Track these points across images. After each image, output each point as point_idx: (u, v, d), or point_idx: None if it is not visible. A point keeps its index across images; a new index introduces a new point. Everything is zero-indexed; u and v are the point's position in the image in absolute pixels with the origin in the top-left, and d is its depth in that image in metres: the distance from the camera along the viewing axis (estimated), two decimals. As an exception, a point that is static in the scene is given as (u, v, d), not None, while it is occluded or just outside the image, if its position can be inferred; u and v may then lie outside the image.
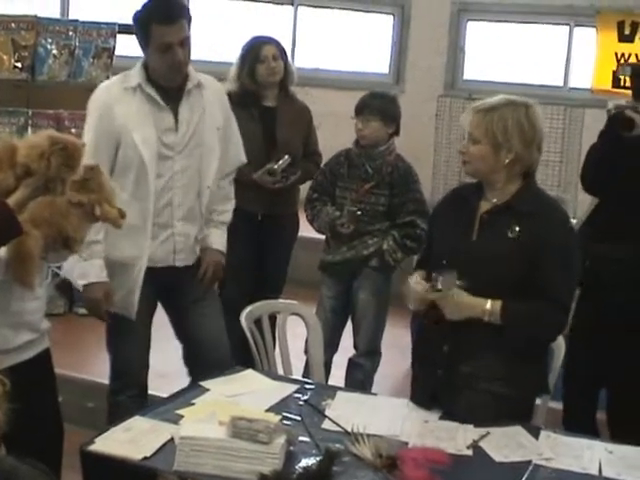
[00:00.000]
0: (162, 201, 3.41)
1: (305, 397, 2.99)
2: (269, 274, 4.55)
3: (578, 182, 4.21)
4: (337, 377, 4.19)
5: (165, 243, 3.46)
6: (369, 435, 2.59)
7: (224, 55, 6.49)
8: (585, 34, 8.00)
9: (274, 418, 2.54)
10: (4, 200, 2.40)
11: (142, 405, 3.30)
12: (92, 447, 2.54)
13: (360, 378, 4.22)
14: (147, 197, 3.36)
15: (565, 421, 3.83)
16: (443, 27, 8.32)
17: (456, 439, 2.69)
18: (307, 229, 4.46)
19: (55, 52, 5.45)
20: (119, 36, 5.64)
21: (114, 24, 5.66)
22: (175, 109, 3.40)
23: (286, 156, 4.35)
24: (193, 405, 2.85)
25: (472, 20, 8.39)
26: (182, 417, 2.72)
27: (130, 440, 2.57)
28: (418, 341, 3.12)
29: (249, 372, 3.22)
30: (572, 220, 4.48)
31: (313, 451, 2.56)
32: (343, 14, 8.51)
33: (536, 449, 2.67)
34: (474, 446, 2.66)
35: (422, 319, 3.04)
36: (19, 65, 5.38)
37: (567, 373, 3.48)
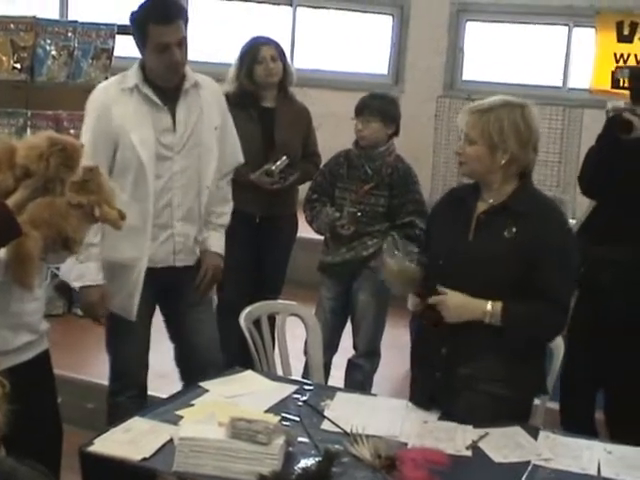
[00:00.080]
0: (162, 202, 3.41)
1: (304, 398, 2.99)
2: (268, 275, 4.55)
3: (577, 183, 4.21)
4: (336, 378, 4.19)
5: (165, 244, 3.46)
6: (368, 436, 2.59)
7: (223, 56, 6.49)
8: (584, 34, 8.00)
9: (273, 419, 2.54)
10: (3, 201, 2.40)
11: (142, 406, 3.30)
12: (91, 448, 2.54)
13: (359, 379, 4.22)
14: (146, 198, 3.36)
15: (563, 422, 3.83)
16: (442, 27, 8.32)
17: (455, 440, 2.69)
18: (306, 230, 4.45)
19: (54, 53, 5.45)
20: (118, 37, 5.63)
21: (113, 25, 5.65)
22: (172, 109, 3.40)
23: (284, 157, 4.34)
24: (192, 406, 2.85)
25: (471, 20, 8.40)
26: (181, 418, 2.71)
27: (129, 441, 2.57)
28: (416, 343, 3.12)
29: (248, 373, 3.22)
30: (571, 221, 4.49)
31: (312, 452, 2.55)
32: (342, 15, 8.51)
33: (535, 449, 2.67)
34: (473, 447, 2.66)
35: (420, 320, 3.05)
36: (18, 66, 5.38)
37: (565, 374, 3.48)
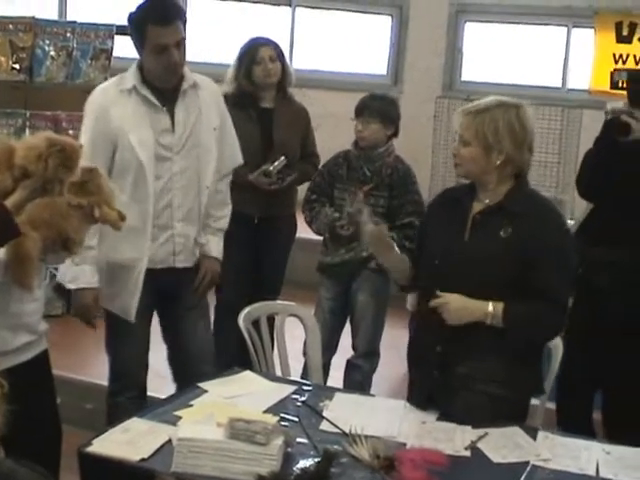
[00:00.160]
0: (162, 203, 3.41)
1: (303, 398, 2.99)
2: (266, 276, 4.55)
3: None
4: (335, 378, 4.19)
5: (165, 245, 3.46)
6: (367, 436, 2.59)
7: (222, 56, 6.48)
8: (583, 35, 8.01)
9: (272, 419, 2.53)
10: (2, 202, 2.40)
11: (141, 406, 3.29)
12: (90, 448, 2.53)
13: (358, 379, 4.21)
14: (146, 199, 3.36)
15: (560, 422, 3.83)
16: (441, 28, 8.32)
17: (454, 440, 2.69)
18: (305, 230, 4.46)
19: (53, 53, 5.44)
20: (117, 37, 5.62)
21: (112, 25, 5.64)
22: (171, 110, 3.40)
23: (282, 157, 4.34)
24: (191, 406, 2.84)
25: (470, 21, 8.40)
26: (180, 418, 2.71)
27: (128, 441, 2.57)
28: (411, 342, 3.12)
29: (247, 373, 3.22)
30: (570, 221, 4.48)
31: (311, 452, 2.55)
32: (341, 15, 8.51)
33: (534, 450, 2.67)
34: (472, 447, 2.66)
35: (417, 319, 3.04)
36: (17, 66, 5.37)
37: (563, 375, 3.48)
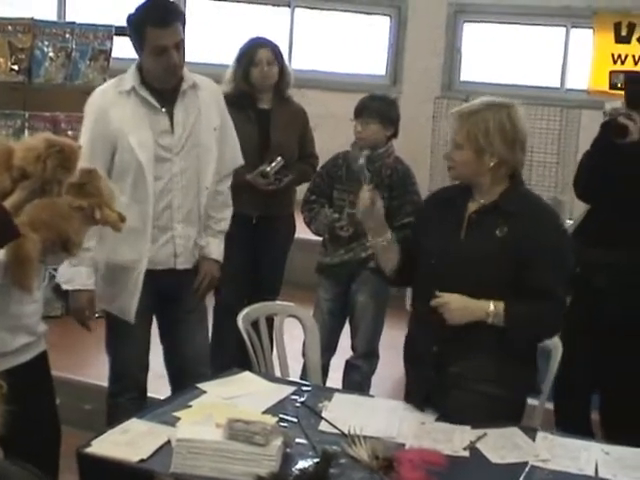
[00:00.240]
0: (162, 204, 3.41)
1: (302, 399, 2.99)
2: (265, 276, 4.55)
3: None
4: (334, 379, 4.19)
5: (165, 246, 3.46)
6: (366, 437, 2.59)
7: (221, 57, 6.48)
8: (582, 35, 8.00)
9: (271, 420, 2.53)
10: (0, 203, 2.40)
11: (141, 407, 3.28)
12: (89, 449, 2.53)
13: (358, 380, 4.21)
14: (146, 200, 3.36)
15: (558, 422, 3.83)
16: (440, 28, 8.31)
17: (453, 441, 2.69)
18: (303, 231, 4.46)
19: (52, 54, 5.44)
20: (116, 38, 5.61)
21: (111, 26, 5.64)
22: (170, 111, 3.40)
23: (279, 158, 4.34)
24: (190, 407, 2.84)
25: (469, 21, 8.39)
26: (179, 419, 2.71)
27: (127, 442, 2.57)
28: (407, 342, 3.12)
29: (246, 374, 3.22)
30: (568, 222, 4.48)
31: (310, 453, 2.55)
32: (339, 16, 8.51)
33: (533, 450, 2.67)
34: (471, 447, 2.66)
35: (413, 320, 3.04)
36: (16, 68, 5.37)
37: (560, 376, 3.48)
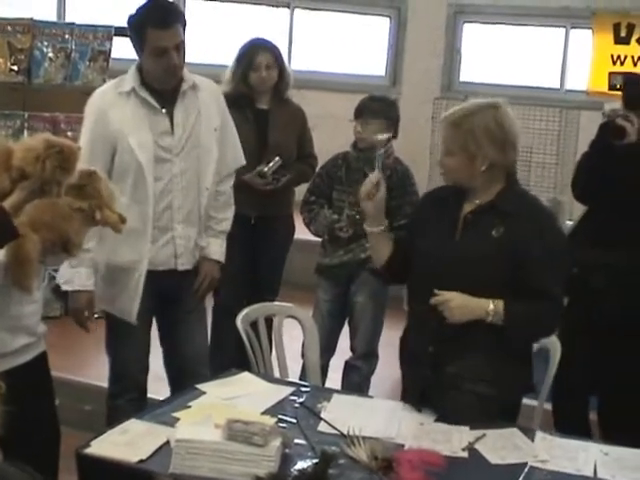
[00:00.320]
0: (162, 204, 3.41)
1: (301, 399, 2.99)
2: (264, 276, 4.55)
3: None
4: (334, 380, 4.19)
5: (166, 247, 3.46)
6: (365, 437, 2.59)
7: (221, 57, 6.48)
8: (581, 36, 8.01)
9: (270, 421, 2.53)
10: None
11: (141, 409, 3.29)
12: (88, 450, 2.53)
13: (357, 380, 4.21)
14: (146, 200, 3.36)
15: (557, 423, 3.83)
16: (439, 29, 8.32)
17: (452, 441, 2.69)
18: (302, 231, 4.45)
19: (51, 55, 5.44)
20: (115, 39, 5.62)
21: (110, 27, 5.64)
22: (170, 112, 3.40)
23: (277, 158, 4.34)
24: (189, 408, 2.84)
25: (468, 22, 8.41)
26: (178, 420, 2.71)
27: (126, 443, 2.57)
28: (403, 342, 3.12)
29: (245, 375, 3.22)
30: (568, 222, 4.48)
31: (309, 453, 2.55)
32: (339, 16, 8.52)
33: (532, 451, 2.67)
34: (470, 448, 2.66)
35: (409, 319, 3.04)
36: (15, 68, 5.37)
37: (558, 377, 3.48)
